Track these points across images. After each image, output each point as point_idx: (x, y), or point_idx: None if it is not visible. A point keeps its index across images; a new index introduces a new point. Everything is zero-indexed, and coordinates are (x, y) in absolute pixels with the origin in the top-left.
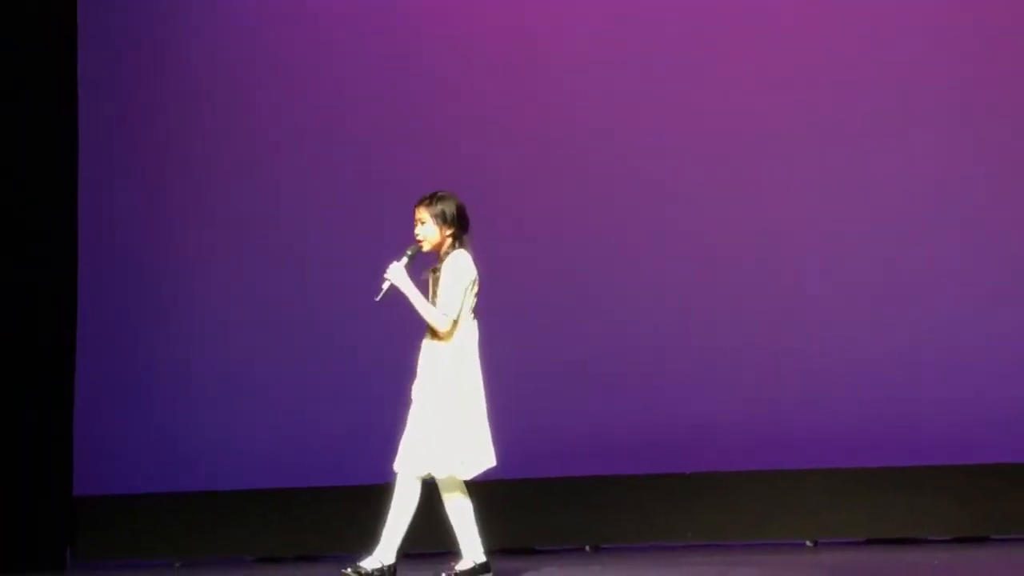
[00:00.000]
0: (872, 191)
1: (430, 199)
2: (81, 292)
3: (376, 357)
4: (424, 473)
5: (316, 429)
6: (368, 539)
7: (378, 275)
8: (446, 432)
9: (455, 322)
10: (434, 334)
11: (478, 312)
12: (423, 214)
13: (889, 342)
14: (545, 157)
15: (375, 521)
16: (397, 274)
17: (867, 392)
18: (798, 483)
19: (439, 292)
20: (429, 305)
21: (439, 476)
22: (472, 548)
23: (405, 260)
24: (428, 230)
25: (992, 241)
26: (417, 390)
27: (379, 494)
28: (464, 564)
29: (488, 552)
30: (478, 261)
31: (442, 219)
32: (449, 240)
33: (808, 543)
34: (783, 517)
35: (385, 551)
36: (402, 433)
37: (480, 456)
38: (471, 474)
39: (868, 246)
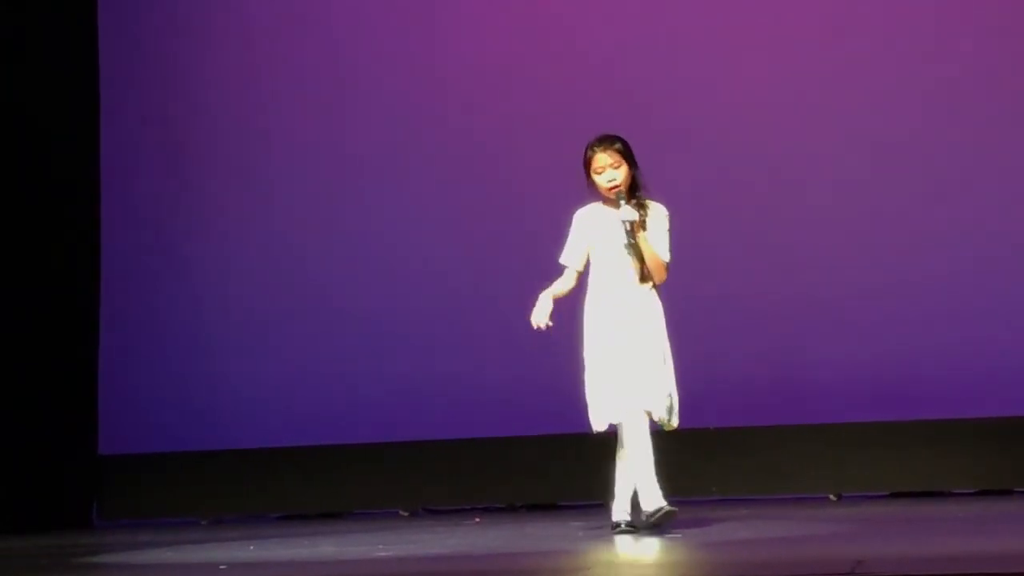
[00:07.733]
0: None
1: (606, 141)
2: (104, 252)
3: (400, 312)
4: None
5: (340, 386)
6: (395, 495)
7: (400, 227)
8: (671, 379)
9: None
10: (643, 279)
11: None
12: (611, 157)
13: (914, 294)
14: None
15: (400, 478)
16: (634, 217)
17: (891, 345)
18: (821, 437)
19: (652, 239)
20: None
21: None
22: (655, 495)
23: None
24: (622, 172)
25: None
26: (634, 334)
27: (401, 451)
28: (654, 507)
29: (510, 507)
30: None
31: (627, 156)
32: (631, 179)
33: (832, 497)
34: (806, 471)
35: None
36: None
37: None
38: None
39: (896, 199)
